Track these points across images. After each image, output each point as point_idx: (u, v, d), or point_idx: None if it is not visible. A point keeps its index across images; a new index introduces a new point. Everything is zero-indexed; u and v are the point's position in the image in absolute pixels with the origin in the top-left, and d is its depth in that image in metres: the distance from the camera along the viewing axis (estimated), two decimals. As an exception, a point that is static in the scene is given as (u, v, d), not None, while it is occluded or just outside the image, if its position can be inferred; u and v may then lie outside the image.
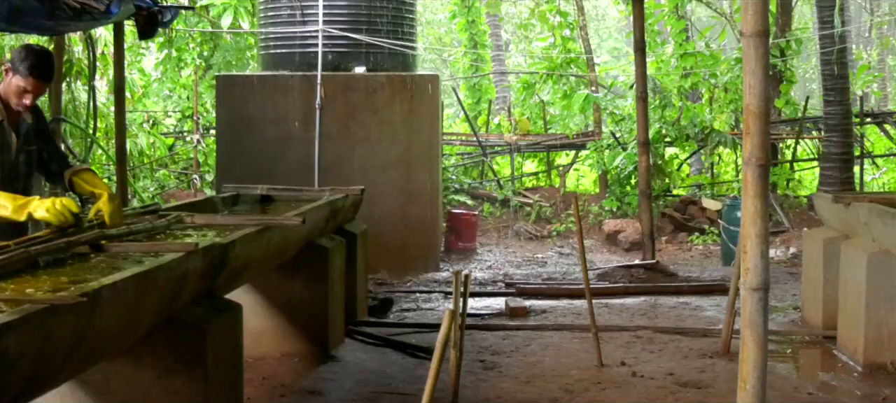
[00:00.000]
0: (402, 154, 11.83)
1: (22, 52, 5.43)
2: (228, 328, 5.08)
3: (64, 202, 4.97)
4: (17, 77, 5.37)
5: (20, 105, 5.47)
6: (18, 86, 5.38)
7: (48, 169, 5.81)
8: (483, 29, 22.60)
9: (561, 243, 15.29)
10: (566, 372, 7.05)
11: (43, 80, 5.50)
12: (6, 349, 2.96)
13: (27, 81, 5.38)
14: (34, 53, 5.45)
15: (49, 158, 5.79)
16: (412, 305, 9.79)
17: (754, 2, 3.86)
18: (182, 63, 18.48)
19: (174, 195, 15.74)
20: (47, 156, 5.79)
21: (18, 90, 5.39)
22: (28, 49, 5.49)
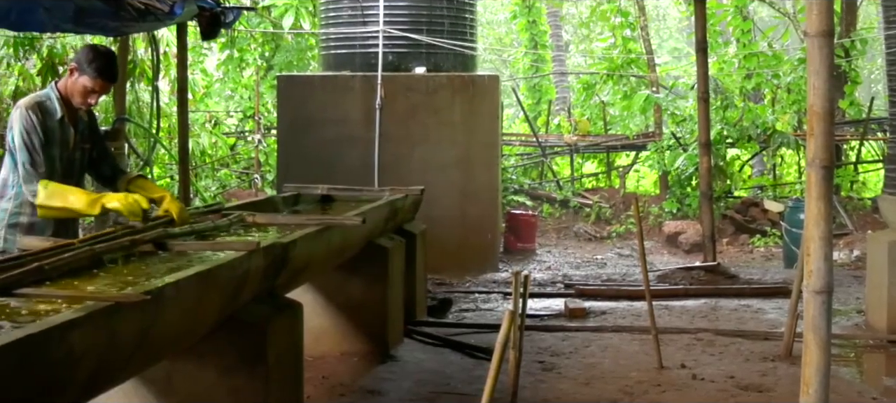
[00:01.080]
0: (462, 154, 11.83)
1: (89, 54, 5.47)
2: (289, 327, 5.11)
3: (135, 197, 5.11)
4: (83, 77, 5.41)
5: (85, 104, 5.53)
6: (85, 87, 5.43)
7: (99, 170, 5.86)
8: (544, 29, 22.54)
9: (620, 244, 15.21)
10: (625, 374, 7.01)
11: (110, 81, 5.56)
12: (71, 346, 2.99)
13: (95, 82, 5.42)
14: (102, 55, 5.50)
15: (99, 159, 5.84)
16: (471, 305, 9.78)
17: (819, 1, 3.82)
18: (244, 63, 18.61)
19: (235, 194, 15.86)
20: (97, 156, 5.83)
21: (85, 90, 5.44)
22: (94, 50, 5.54)
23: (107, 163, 5.88)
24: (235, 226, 5.71)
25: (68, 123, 5.55)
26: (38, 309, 3.45)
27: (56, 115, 5.46)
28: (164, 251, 4.75)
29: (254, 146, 16.72)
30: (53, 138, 5.45)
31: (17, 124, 5.36)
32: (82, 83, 5.42)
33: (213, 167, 17.59)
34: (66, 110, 5.51)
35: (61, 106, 5.49)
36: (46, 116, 5.43)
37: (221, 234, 5.41)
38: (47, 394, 2.95)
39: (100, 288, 3.85)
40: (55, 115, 5.46)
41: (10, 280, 3.61)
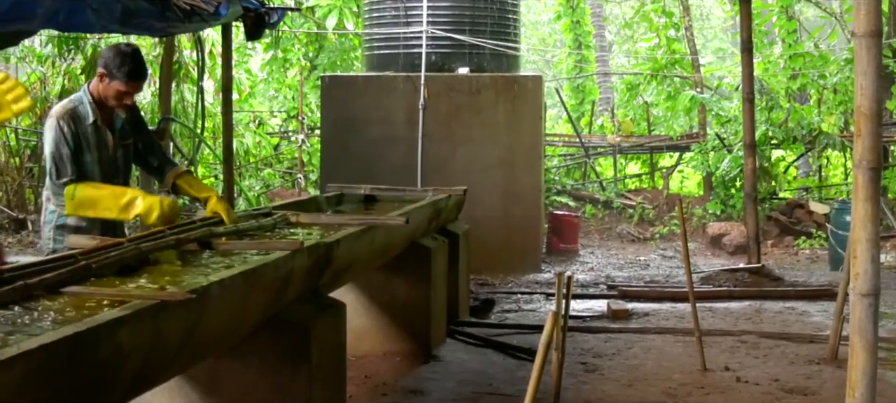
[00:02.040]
0: (505, 155, 11.83)
1: (116, 58, 5.46)
2: (332, 326, 5.13)
3: (168, 202, 5.16)
4: (115, 82, 5.43)
5: (120, 107, 5.57)
6: (118, 91, 5.45)
7: (146, 162, 5.89)
8: (588, 29, 22.46)
9: (664, 245, 15.14)
10: (669, 376, 6.98)
11: (141, 81, 5.59)
12: (118, 344, 3.02)
13: (127, 85, 5.45)
14: (130, 58, 5.48)
15: (145, 151, 5.86)
16: (513, 306, 9.78)
17: (867, 1, 3.78)
18: (288, 64, 18.69)
19: (279, 194, 15.94)
20: (143, 147, 5.86)
21: (118, 94, 5.46)
22: (121, 55, 5.50)
23: (154, 154, 5.91)
24: (279, 226, 5.74)
25: (103, 126, 5.57)
26: (85, 308, 3.48)
27: (88, 120, 5.49)
28: (208, 250, 4.78)
29: (297, 146, 16.79)
30: (88, 143, 5.48)
31: (48, 134, 5.42)
32: (114, 88, 5.44)
33: (257, 167, 17.69)
34: (99, 113, 5.53)
35: (94, 110, 5.51)
36: (79, 123, 5.45)
37: (266, 234, 5.44)
38: (95, 392, 2.98)
39: (146, 287, 3.88)
40: (87, 120, 5.48)
41: (58, 278, 3.65)
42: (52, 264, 3.88)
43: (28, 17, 5.97)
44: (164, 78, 10.63)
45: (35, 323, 3.23)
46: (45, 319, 3.30)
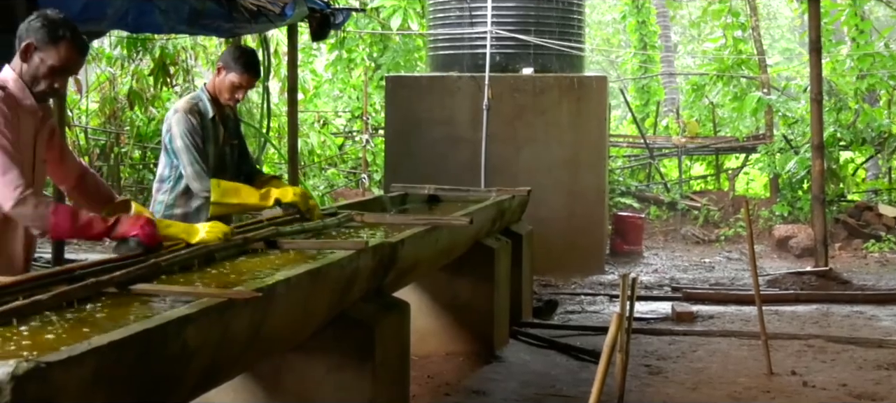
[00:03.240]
0: (569, 155, 11.80)
1: (235, 52, 5.86)
2: (396, 326, 5.15)
3: (302, 189, 5.56)
4: (231, 74, 5.76)
5: (232, 101, 5.89)
6: (233, 83, 5.78)
7: (239, 166, 6.13)
8: (653, 29, 22.32)
9: (729, 248, 15.00)
10: (734, 380, 6.92)
11: (255, 76, 5.92)
12: (186, 341, 3.05)
13: (242, 78, 5.78)
14: (246, 52, 5.89)
15: (240, 156, 6.15)
16: (577, 307, 9.75)
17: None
18: (352, 64, 18.78)
19: (343, 194, 16.03)
20: (239, 153, 6.15)
21: (232, 86, 5.79)
22: (240, 49, 5.97)
23: (246, 160, 6.22)
24: (344, 226, 5.77)
25: (219, 121, 5.90)
26: (153, 305, 3.53)
27: (208, 115, 5.82)
28: (275, 249, 4.82)
29: (361, 146, 16.86)
30: (207, 137, 5.80)
31: (176, 127, 5.70)
32: (230, 80, 5.77)
33: (321, 166, 17.79)
34: (216, 109, 5.85)
35: (212, 106, 5.84)
36: (201, 117, 5.78)
37: (331, 233, 5.47)
38: (163, 388, 3.02)
39: (213, 285, 3.92)
40: (208, 115, 5.82)
41: (127, 276, 3.70)
42: (122, 262, 3.93)
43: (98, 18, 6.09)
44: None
45: (105, 320, 3.28)
46: (115, 316, 3.34)
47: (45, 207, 4.05)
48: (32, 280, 3.53)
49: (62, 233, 4.20)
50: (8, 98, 4.13)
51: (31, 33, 4.17)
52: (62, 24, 4.18)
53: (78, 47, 4.23)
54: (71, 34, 4.18)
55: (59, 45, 4.16)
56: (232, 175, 5.97)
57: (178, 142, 5.70)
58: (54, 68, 4.17)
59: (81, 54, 4.28)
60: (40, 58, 4.17)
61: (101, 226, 4.11)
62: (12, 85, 4.19)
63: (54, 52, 4.15)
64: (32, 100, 4.23)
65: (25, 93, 4.20)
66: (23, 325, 3.10)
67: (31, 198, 4.02)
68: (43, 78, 4.18)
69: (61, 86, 4.29)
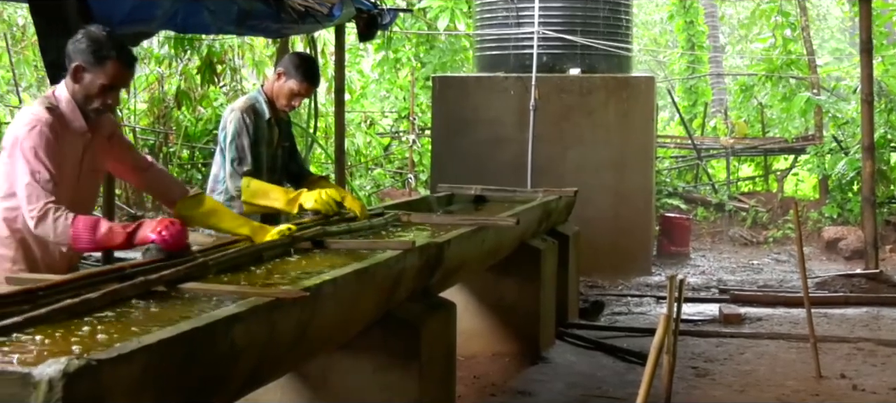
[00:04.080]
0: (616, 156, 11.75)
1: (296, 60, 5.97)
2: (442, 326, 5.15)
3: (329, 193, 5.51)
4: (291, 81, 5.87)
5: (288, 107, 6.01)
6: (291, 90, 5.89)
7: (288, 168, 6.24)
8: (701, 29, 22.17)
9: (777, 250, 14.88)
10: (782, 383, 6.87)
11: (314, 85, 6.11)
12: (234, 340, 3.07)
13: (301, 86, 5.90)
14: (307, 60, 6.04)
15: (290, 158, 6.25)
16: (623, 309, 9.71)
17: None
18: (399, 64, 18.82)
19: (389, 194, 16.06)
20: (288, 155, 6.24)
21: (291, 93, 5.90)
22: (300, 56, 6.10)
23: (295, 161, 6.32)
24: (391, 226, 5.78)
25: (274, 124, 6.01)
26: (201, 304, 3.55)
27: (264, 117, 5.93)
28: (322, 249, 4.84)
29: (408, 146, 16.89)
30: (262, 138, 5.91)
31: (230, 125, 5.83)
32: (289, 87, 5.88)
33: (368, 166, 17.84)
34: (272, 112, 5.96)
35: (268, 108, 5.95)
36: (257, 118, 5.89)
37: (378, 233, 5.49)
38: (210, 387, 3.04)
39: (260, 285, 3.94)
40: (264, 117, 5.93)
41: (176, 275, 3.73)
42: (169, 260, 3.96)
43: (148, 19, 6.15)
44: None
45: (154, 319, 3.31)
46: (164, 315, 3.37)
47: (64, 220, 4.10)
48: (83, 278, 3.56)
49: (83, 246, 4.19)
50: (55, 122, 4.24)
51: (79, 55, 4.26)
52: (107, 42, 4.26)
53: (125, 63, 4.31)
54: (117, 52, 4.26)
55: (106, 64, 4.25)
56: (281, 176, 6.10)
57: (229, 139, 5.82)
58: (104, 86, 4.27)
59: (129, 69, 4.36)
60: (90, 78, 4.26)
61: (121, 236, 4.12)
62: (64, 105, 4.31)
63: (102, 72, 4.25)
64: (82, 120, 4.34)
65: (76, 114, 4.32)
66: (73, 323, 3.13)
67: (51, 214, 4.09)
68: (95, 97, 4.29)
69: (114, 101, 4.39)
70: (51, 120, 4.22)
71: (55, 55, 5.41)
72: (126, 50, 4.33)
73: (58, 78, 5.05)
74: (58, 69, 5.36)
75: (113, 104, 4.40)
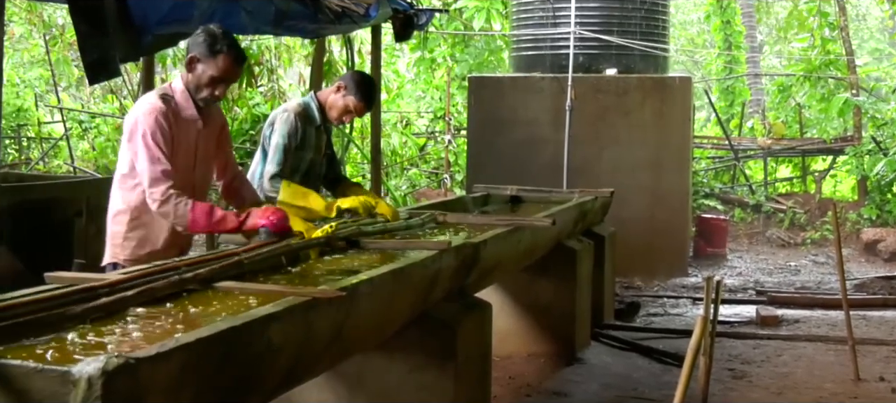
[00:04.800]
0: (652, 157, 11.71)
1: (358, 78, 6.09)
2: (478, 326, 5.15)
3: (366, 197, 5.61)
4: (349, 98, 5.97)
5: (339, 121, 6.16)
6: (347, 107, 6.00)
7: (326, 173, 6.31)
8: (738, 29, 22.04)
9: (815, 251, 14.78)
10: (820, 385, 6.82)
11: (371, 107, 6.26)
12: (270, 339, 3.08)
13: (358, 105, 6.00)
14: (368, 83, 6.11)
15: (328, 164, 6.32)
16: (659, 310, 9.68)
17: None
18: (434, 64, 18.83)
19: (425, 194, 16.07)
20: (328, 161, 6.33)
21: (345, 109, 6.01)
22: (363, 76, 6.18)
23: (333, 167, 6.40)
24: (427, 226, 5.79)
25: (323, 131, 6.11)
26: (237, 303, 3.57)
27: (315, 123, 6.03)
28: (358, 249, 4.85)
29: (444, 146, 16.90)
30: (310, 143, 6.01)
31: (281, 125, 5.92)
32: (346, 103, 5.98)
33: (404, 167, 17.86)
34: (322, 119, 6.06)
35: (320, 115, 6.05)
36: (308, 124, 5.98)
37: (414, 233, 5.49)
38: (247, 385, 3.05)
39: (297, 284, 3.95)
40: (314, 123, 6.03)
41: (211, 273, 3.75)
42: (205, 259, 3.98)
43: (185, 20, 6.16)
44: (314, 78, 10.82)
45: (192, 317, 3.33)
46: (202, 314, 3.39)
47: (185, 205, 4.51)
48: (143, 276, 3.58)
49: (199, 229, 4.62)
50: (169, 111, 4.65)
51: (195, 47, 4.67)
52: (222, 37, 4.65)
53: (234, 58, 4.68)
54: (228, 47, 4.64)
55: (218, 57, 4.63)
56: (318, 181, 6.17)
57: (276, 139, 5.89)
58: (214, 78, 4.67)
59: (238, 64, 4.73)
60: (202, 68, 4.67)
61: (234, 221, 4.53)
62: (179, 95, 4.74)
63: (213, 64, 4.64)
64: (194, 110, 4.76)
65: (189, 103, 4.74)
66: (110, 321, 3.16)
67: (174, 198, 4.51)
68: (205, 86, 4.69)
69: (221, 93, 4.76)
70: (165, 109, 4.63)
71: (95, 55, 5.46)
72: (238, 47, 4.71)
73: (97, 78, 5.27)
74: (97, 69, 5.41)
75: (220, 96, 4.77)
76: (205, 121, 4.84)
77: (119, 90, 19.06)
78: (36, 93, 19.28)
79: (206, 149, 4.94)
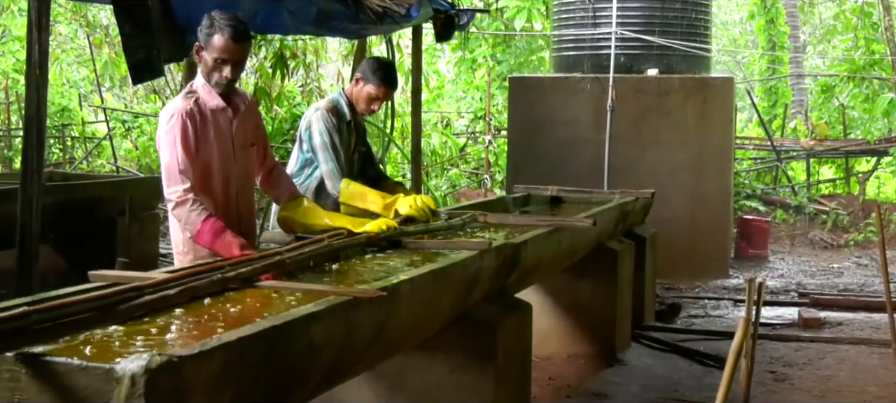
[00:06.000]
0: (693, 157, 11.64)
1: (373, 64, 6.08)
2: (518, 327, 5.15)
3: (424, 199, 5.56)
4: (368, 86, 6.00)
5: (368, 111, 6.15)
6: (369, 94, 6.02)
7: (365, 172, 6.31)
8: (782, 30, 21.89)
9: (859, 253, 14.64)
10: (863, 389, 6.76)
11: (392, 88, 6.19)
12: (312, 338, 3.10)
13: (379, 90, 6.01)
14: (385, 65, 6.13)
15: (365, 162, 6.33)
16: (700, 311, 9.62)
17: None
18: (475, 64, 18.83)
19: (465, 194, 16.07)
20: (365, 159, 6.34)
21: (369, 97, 6.03)
22: (378, 61, 6.18)
23: (372, 165, 6.41)
24: (468, 226, 5.79)
25: (353, 127, 6.12)
26: (279, 302, 3.59)
27: (345, 119, 6.05)
28: (399, 248, 4.86)
29: (484, 146, 16.89)
30: (341, 139, 5.99)
31: (316, 124, 5.94)
32: (367, 91, 6.01)
33: (444, 167, 17.87)
34: (352, 115, 6.08)
35: (349, 111, 6.07)
36: (338, 120, 6.00)
37: (455, 233, 5.50)
38: (289, 384, 3.07)
39: (338, 284, 3.97)
40: (344, 119, 6.04)
41: (253, 272, 3.77)
42: (248, 258, 4.00)
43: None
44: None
45: (234, 316, 3.35)
46: (243, 313, 3.41)
47: (198, 215, 4.49)
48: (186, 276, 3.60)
49: (203, 243, 4.53)
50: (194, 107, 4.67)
51: (199, 35, 4.67)
52: (218, 18, 4.62)
53: (231, 36, 4.61)
54: (223, 26, 4.59)
55: (213, 37, 4.61)
56: (352, 178, 6.10)
57: (317, 139, 5.91)
58: (216, 60, 4.63)
59: (236, 41, 4.64)
60: (205, 54, 4.65)
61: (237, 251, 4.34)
62: (202, 89, 4.74)
63: (212, 46, 4.62)
64: (218, 99, 4.74)
65: (212, 94, 4.74)
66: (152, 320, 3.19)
67: (189, 204, 4.50)
68: (213, 71, 4.68)
69: (230, 74, 4.68)
70: (189, 107, 4.65)
71: (139, 55, 5.51)
72: (235, 26, 4.64)
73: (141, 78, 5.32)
74: (141, 70, 5.46)
75: (231, 78, 4.70)
76: (235, 110, 4.84)
77: (162, 90, 19.21)
78: (80, 93, 19.46)
79: (244, 137, 4.94)
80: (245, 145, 4.95)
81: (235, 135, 4.86)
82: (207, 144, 4.70)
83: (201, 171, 4.69)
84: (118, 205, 9.07)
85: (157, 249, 9.99)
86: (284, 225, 4.99)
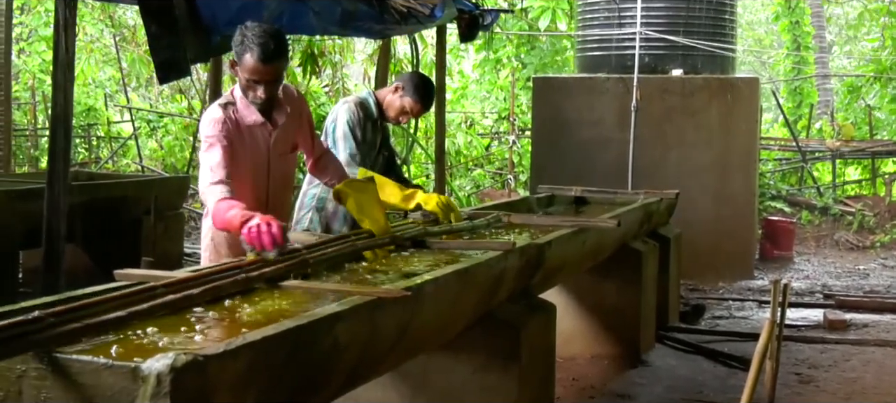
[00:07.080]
0: (718, 158, 11.61)
1: (416, 79, 6.13)
2: (542, 327, 5.15)
3: (447, 198, 5.55)
4: (406, 99, 6.03)
5: (396, 120, 6.18)
6: (403, 107, 6.05)
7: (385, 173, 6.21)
8: (807, 30, 21.79)
9: (885, 255, 14.56)
10: (889, 391, 6.73)
11: (428, 108, 6.28)
12: (336, 338, 3.10)
13: (415, 106, 6.07)
14: (426, 84, 6.15)
15: (387, 167, 6.34)
16: (724, 313, 9.59)
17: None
18: (499, 65, 18.83)
19: (489, 194, 16.07)
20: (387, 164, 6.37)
21: (403, 109, 6.07)
22: (421, 77, 6.23)
23: (393, 170, 6.42)
24: (492, 226, 5.79)
25: (379, 128, 6.15)
26: (303, 302, 3.59)
27: (372, 117, 6.08)
28: (423, 248, 4.86)
29: (508, 147, 16.89)
30: (365, 137, 6.02)
31: (343, 116, 5.95)
32: (403, 103, 6.04)
33: (468, 167, 17.87)
34: (379, 116, 6.11)
35: (377, 110, 6.10)
36: (365, 117, 6.02)
37: (479, 234, 5.50)
38: (313, 383, 3.08)
39: (361, 284, 3.97)
40: (372, 117, 6.08)
41: (277, 272, 3.78)
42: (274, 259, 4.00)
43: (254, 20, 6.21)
44: (380, 77, 10.87)
45: (258, 316, 3.36)
46: (268, 312, 3.41)
47: (214, 198, 4.34)
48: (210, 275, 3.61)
49: (216, 224, 4.39)
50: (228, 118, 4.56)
51: (234, 50, 4.49)
52: (249, 34, 4.41)
53: (260, 57, 4.41)
54: (254, 43, 4.39)
55: (245, 56, 4.44)
56: None
57: (341, 130, 5.92)
58: (249, 80, 4.49)
59: (265, 62, 4.43)
60: (239, 72, 4.51)
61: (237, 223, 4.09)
62: (240, 102, 4.63)
63: (243, 65, 4.46)
64: (256, 114, 4.63)
65: (250, 109, 4.63)
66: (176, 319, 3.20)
67: (216, 188, 4.35)
68: (248, 89, 4.55)
69: (263, 93, 4.54)
70: (223, 117, 4.54)
71: (165, 55, 5.53)
72: (265, 43, 4.41)
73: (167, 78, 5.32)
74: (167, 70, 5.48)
75: (263, 96, 4.55)
76: (275, 122, 4.75)
77: (187, 90, 19.29)
78: (106, 92, 19.56)
79: (283, 146, 4.86)
80: (284, 152, 4.89)
81: (273, 146, 4.78)
82: (238, 157, 4.59)
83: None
84: (143, 205, 9.11)
85: (182, 248, 10.04)
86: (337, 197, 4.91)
